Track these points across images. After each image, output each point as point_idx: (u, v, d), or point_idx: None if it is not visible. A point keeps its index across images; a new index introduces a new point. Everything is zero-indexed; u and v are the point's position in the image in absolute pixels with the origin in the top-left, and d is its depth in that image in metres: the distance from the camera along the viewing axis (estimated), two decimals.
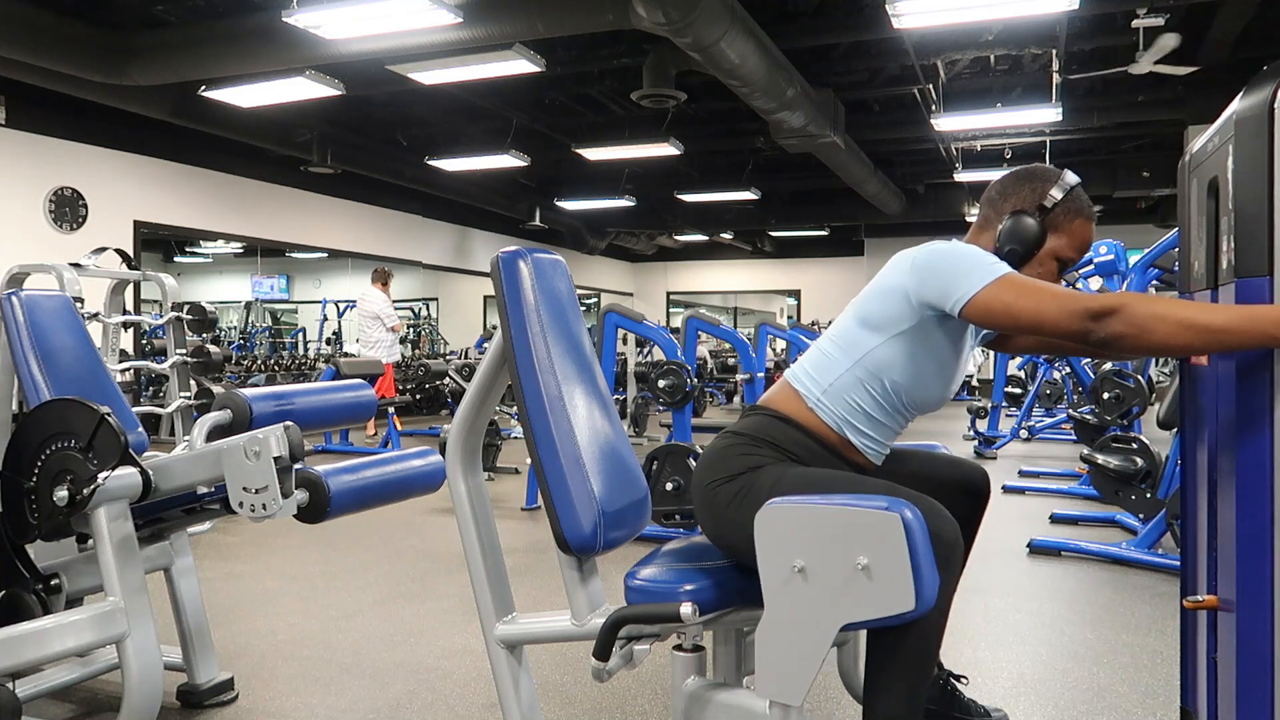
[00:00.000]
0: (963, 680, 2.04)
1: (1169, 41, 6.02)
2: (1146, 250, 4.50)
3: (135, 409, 3.10)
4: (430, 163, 9.61)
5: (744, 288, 18.63)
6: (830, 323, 1.88)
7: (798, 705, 1.39)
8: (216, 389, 5.08)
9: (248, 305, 15.53)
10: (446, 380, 7.27)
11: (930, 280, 1.64)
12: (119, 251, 5.06)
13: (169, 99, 7.17)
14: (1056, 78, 7.08)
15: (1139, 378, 5.06)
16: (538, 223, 12.80)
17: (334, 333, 14.81)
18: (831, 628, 1.35)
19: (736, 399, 11.77)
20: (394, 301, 9.16)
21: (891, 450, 1.84)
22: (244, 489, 1.81)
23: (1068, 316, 1.46)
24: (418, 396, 10.79)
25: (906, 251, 1.72)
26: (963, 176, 10.49)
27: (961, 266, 1.59)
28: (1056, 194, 1.76)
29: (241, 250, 15.03)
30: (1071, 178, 1.78)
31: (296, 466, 1.86)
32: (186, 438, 2.41)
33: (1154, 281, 4.65)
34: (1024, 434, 8.30)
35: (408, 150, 9.99)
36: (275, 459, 1.79)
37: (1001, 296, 1.54)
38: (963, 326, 1.73)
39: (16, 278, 4.19)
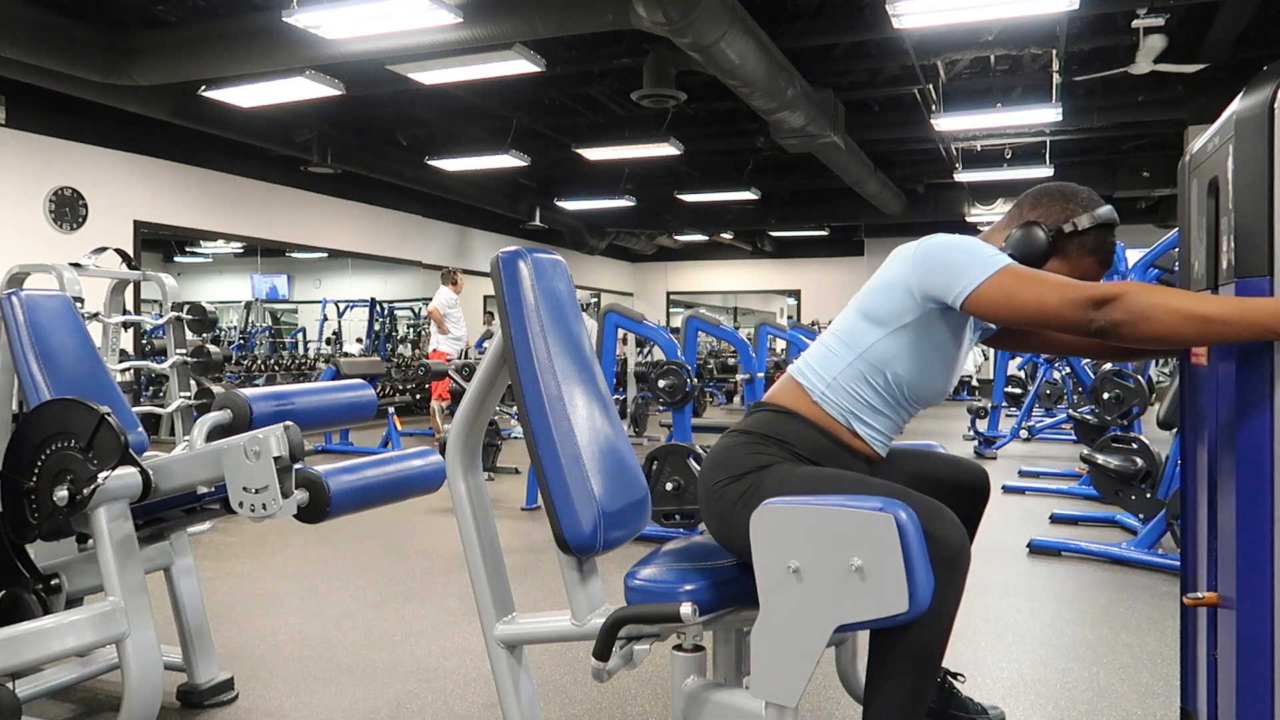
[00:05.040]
0: (959, 678, 2.04)
1: (1156, 43, 6.03)
2: (1146, 250, 4.50)
3: (135, 409, 3.10)
4: (430, 163, 9.61)
5: (744, 288, 18.62)
6: (830, 321, 1.88)
7: (793, 706, 1.39)
8: (216, 389, 5.07)
9: (248, 305, 15.52)
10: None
11: (932, 273, 1.63)
12: (119, 251, 5.06)
13: (169, 99, 7.17)
14: (1056, 78, 7.08)
15: (1139, 378, 5.06)
16: (538, 223, 12.80)
17: (334, 333, 14.80)
18: (826, 629, 1.35)
19: (736, 399, 11.77)
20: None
21: (891, 450, 1.84)
22: (244, 489, 1.81)
23: (1069, 305, 1.46)
24: (418, 396, 10.81)
25: (907, 245, 1.72)
26: (963, 176, 10.48)
27: (962, 259, 1.59)
28: (1084, 222, 1.72)
29: (241, 250, 15.02)
30: (1106, 213, 1.74)
31: (296, 466, 1.86)
32: (186, 438, 2.41)
33: (1154, 281, 4.66)
34: (1024, 434, 8.30)
35: (408, 150, 9.99)
36: (275, 459, 1.79)
37: (1003, 288, 1.53)
38: (964, 319, 1.73)
39: (16, 278, 4.19)
